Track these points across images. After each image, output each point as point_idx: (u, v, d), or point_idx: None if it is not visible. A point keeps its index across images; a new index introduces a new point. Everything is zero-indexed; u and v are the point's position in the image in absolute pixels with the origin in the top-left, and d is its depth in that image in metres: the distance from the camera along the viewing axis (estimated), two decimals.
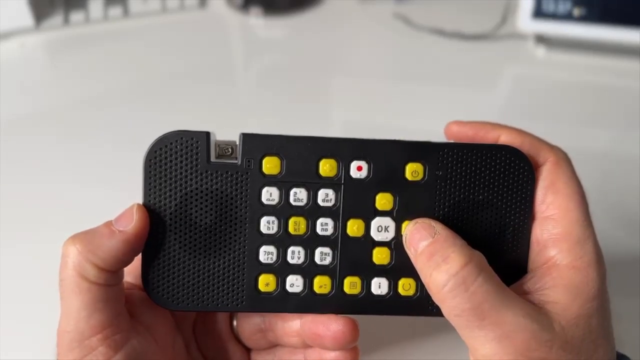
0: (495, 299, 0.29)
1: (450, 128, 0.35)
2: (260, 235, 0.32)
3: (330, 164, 0.32)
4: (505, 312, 0.29)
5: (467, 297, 0.29)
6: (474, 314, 0.29)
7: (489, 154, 0.32)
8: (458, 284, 0.29)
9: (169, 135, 0.31)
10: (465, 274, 0.29)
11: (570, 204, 0.32)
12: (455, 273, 0.29)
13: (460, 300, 0.29)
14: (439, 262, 0.30)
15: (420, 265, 0.31)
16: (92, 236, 0.30)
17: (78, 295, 0.29)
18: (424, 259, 0.31)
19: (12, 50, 0.80)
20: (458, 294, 0.29)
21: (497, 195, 0.33)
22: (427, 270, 0.30)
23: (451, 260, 0.30)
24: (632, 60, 0.79)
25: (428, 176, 0.32)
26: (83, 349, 0.29)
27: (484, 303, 0.29)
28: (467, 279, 0.29)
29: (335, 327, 0.33)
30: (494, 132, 0.34)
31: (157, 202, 0.32)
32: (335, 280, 0.33)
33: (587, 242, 0.31)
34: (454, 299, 0.29)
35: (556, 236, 0.32)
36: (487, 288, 0.29)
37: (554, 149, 0.33)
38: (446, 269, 0.29)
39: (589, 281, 0.30)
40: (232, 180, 0.32)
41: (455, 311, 0.29)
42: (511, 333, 0.28)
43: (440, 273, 0.30)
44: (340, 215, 0.32)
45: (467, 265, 0.29)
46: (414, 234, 0.32)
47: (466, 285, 0.29)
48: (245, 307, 0.33)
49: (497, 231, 0.33)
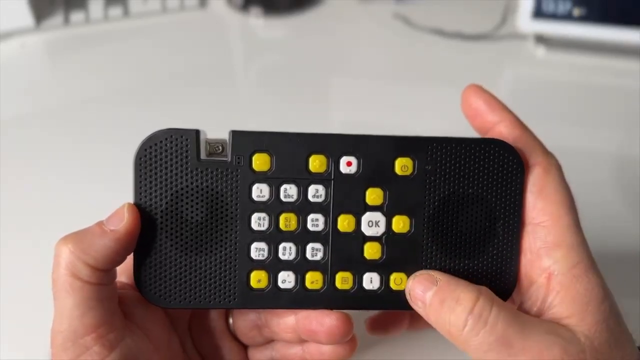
0: (516, 324, 0.29)
1: (468, 91, 0.35)
2: (251, 231, 0.32)
3: (320, 159, 0.32)
4: (529, 334, 0.29)
5: (489, 330, 0.29)
6: (501, 344, 0.29)
7: (478, 148, 0.32)
8: (476, 320, 0.29)
9: (158, 133, 0.32)
10: (480, 308, 0.29)
11: (560, 210, 0.32)
12: (471, 310, 0.29)
13: (484, 335, 0.29)
14: (453, 306, 0.30)
15: (433, 316, 0.31)
16: (84, 236, 0.30)
17: (71, 294, 0.29)
18: (436, 307, 0.31)
19: (12, 50, 0.81)
20: (479, 330, 0.29)
21: (487, 188, 0.33)
22: (444, 318, 0.30)
23: (463, 300, 0.30)
24: (632, 60, 0.78)
25: (417, 170, 0.32)
26: (77, 348, 0.29)
27: (507, 330, 0.29)
28: (483, 312, 0.29)
29: (328, 322, 0.33)
30: (494, 116, 0.34)
31: (148, 201, 0.32)
32: (327, 276, 0.33)
33: (580, 247, 0.31)
34: (477, 337, 0.29)
35: (549, 244, 0.32)
36: (504, 316, 0.29)
37: (547, 155, 0.33)
38: (462, 310, 0.29)
39: (593, 286, 0.30)
40: (222, 178, 0.32)
41: (483, 347, 0.29)
42: (543, 353, 0.28)
43: (456, 315, 0.30)
44: (331, 210, 0.32)
45: (479, 299, 0.30)
46: (416, 288, 0.32)
47: (484, 319, 0.29)
48: (238, 304, 0.33)
49: (487, 224, 0.33)
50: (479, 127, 0.35)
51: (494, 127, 0.34)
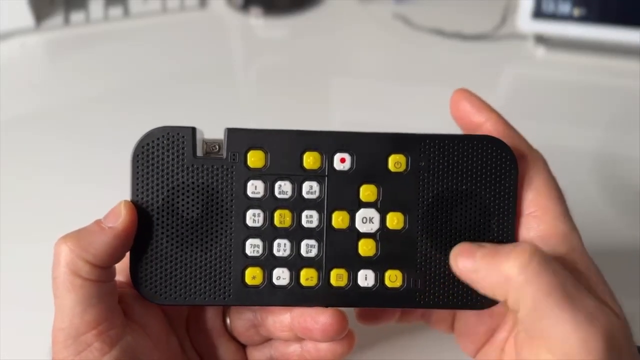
0: (568, 281, 0.29)
1: (456, 95, 0.35)
2: (246, 228, 0.32)
3: (314, 156, 0.32)
4: (582, 291, 0.29)
5: (552, 272, 0.28)
6: (560, 293, 0.28)
7: (471, 144, 0.32)
8: (539, 263, 0.29)
9: (155, 131, 0.32)
10: (540, 254, 0.29)
11: (550, 200, 0.32)
12: (534, 252, 0.29)
13: (547, 275, 0.28)
14: (509, 252, 0.29)
15: (485, 266, 0.30)
16: (83, 234, 0.31)
17: (71, 292, 0.30)
18: (489, 258, 0.30)
19: (12, 50, 0.81)
20: (541, 271, 0.28)
21: (480, 185, 0.33)
22: (499, 265, 0.30)
23: (520, 250, 0.29)
24: (632, 60, 0.78)
25: (411, 167, 0.32)
26: (78, 345, 0.30)
27: (566, 280, 0.29)
28: (542, 256, 0.29)
29: (323, 319, 0.33)
30: (480, 116, 0.34)
31: (144, 198, 0.32)
32: (322, 273, 0.33)
33: (572, 234, 0.32)
34: (536, 280, 0.28)
35: (542, 233, 0.32)
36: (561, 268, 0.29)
37: (532, 149, 0.34)
38: (523, 253, 0.29)
39: (589, 269, 0.31)
40: (217, 174, 0.32)
41: (539, 293, 0.28)
42: (598, 315, 0.28)
43: (516, 259, 0.29)
44: (325, 207, 0.33)
45: (536, 252, 0.29)
46: (463, 249, 0.32)
47: (546, 259, 0.29)
48: (233, 301, 0.33)
49: (482, 220, 0.33)
50: (466, 128, 0.35)
51: (480, 126, 0.34)
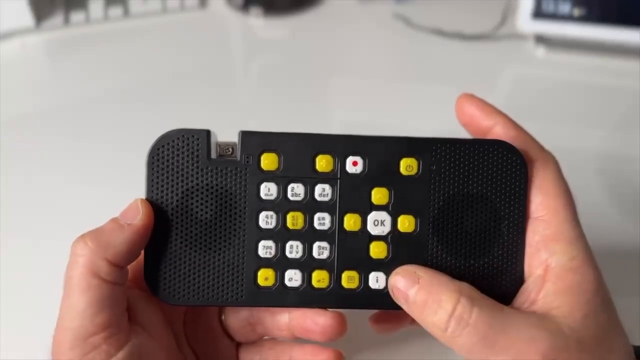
0: (496, 322, 0.29)
1: (461, 100, 0.35)
2: (259, 229, 0.33)
3: (327, 159, 0.33)
4: (511, 331, 0.29)
5: (471, 331, 0.29)
6: (483, 345, 0.29)
7: (482, 149, 0.33)
8: (457, 323, 0.29)
9: (171, 133, 0.32)
10: (461, 311, 0.30)
11: (559, 204, 0.32)
12: (452, 313, 0.30)
13: (467, 337, 0.29)
14: (435, 308, 0.30)
15: (417, 315, 0.31)
16: (102, 233, 0.31)
17: (87, 292, 0.30)
18: (419, 308, 0.31)
19: (12, 50, 0.81)
20: (461, 332, 0.29)
21: (491, 189, 0.33)
22: (426, 319, 0.31)
23: (444, 302, 0.30)
24: (632, 60, 0.78)
25: (422, 171, 0.33)
26: (86, 347, 0.29)
27: (488, 330, 0.29)
28: (464, 314, 0.30)
29: (323, 320, 0.33)
30: (489, 120, 0.34)
31: (159, 198, 0.32)
32: (333, 275, 0.33)
33: (578, 241, 0.31)
34: (460, 338, 0.29)
35: (548, 237, 0.32)
36: (486, 315, 0.29)
37: (544, 151, 0.34)
38: (443, 312, 0.30)
39: (587, 279, 0.31)
40: (231, 176, 0.32)
41: (465, 347, 0.29)
42: (525, 349, 0.29)
43: (439, 318, 0.30)
44: (337, 209, 0.33)
45: (460, 300, 0.30)
46: (398, 284, 0.32)
47: (465, 321, 0.29)
48: (245, 302, 0.33)
49: (492, 224, 0.33)
50: (475, 132, 0.35)
51: (489, 130, 0.34)
